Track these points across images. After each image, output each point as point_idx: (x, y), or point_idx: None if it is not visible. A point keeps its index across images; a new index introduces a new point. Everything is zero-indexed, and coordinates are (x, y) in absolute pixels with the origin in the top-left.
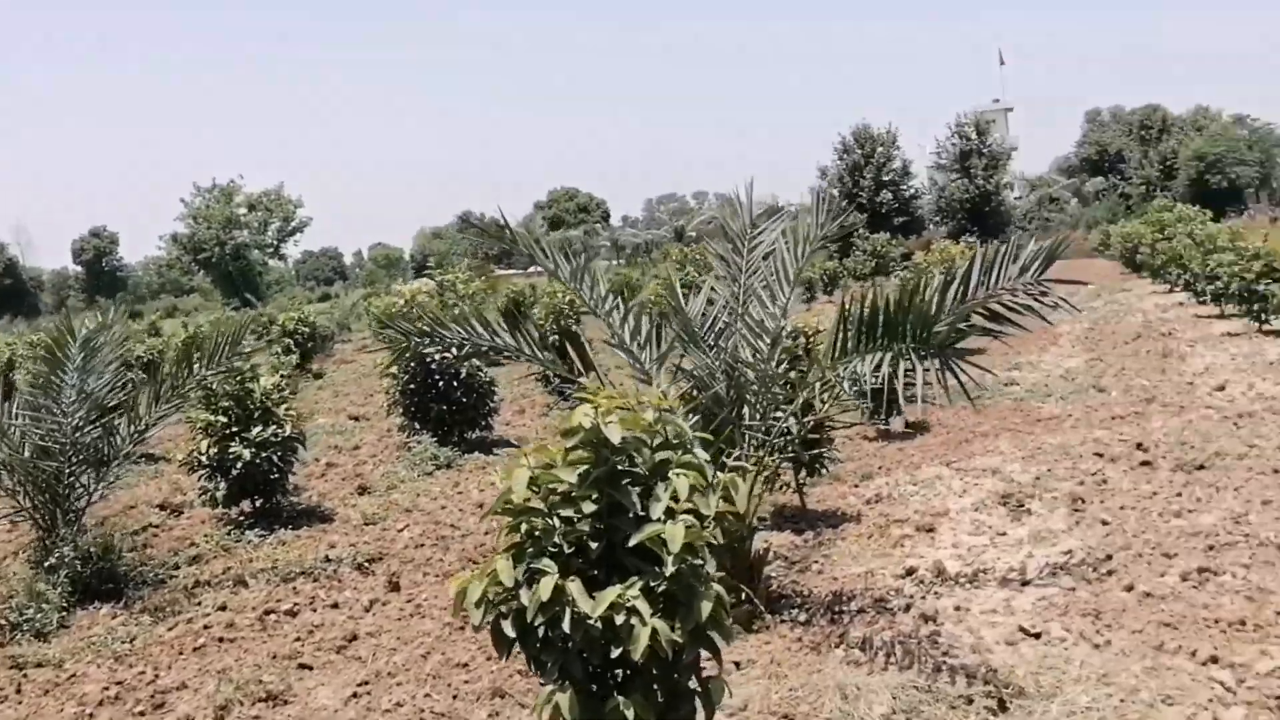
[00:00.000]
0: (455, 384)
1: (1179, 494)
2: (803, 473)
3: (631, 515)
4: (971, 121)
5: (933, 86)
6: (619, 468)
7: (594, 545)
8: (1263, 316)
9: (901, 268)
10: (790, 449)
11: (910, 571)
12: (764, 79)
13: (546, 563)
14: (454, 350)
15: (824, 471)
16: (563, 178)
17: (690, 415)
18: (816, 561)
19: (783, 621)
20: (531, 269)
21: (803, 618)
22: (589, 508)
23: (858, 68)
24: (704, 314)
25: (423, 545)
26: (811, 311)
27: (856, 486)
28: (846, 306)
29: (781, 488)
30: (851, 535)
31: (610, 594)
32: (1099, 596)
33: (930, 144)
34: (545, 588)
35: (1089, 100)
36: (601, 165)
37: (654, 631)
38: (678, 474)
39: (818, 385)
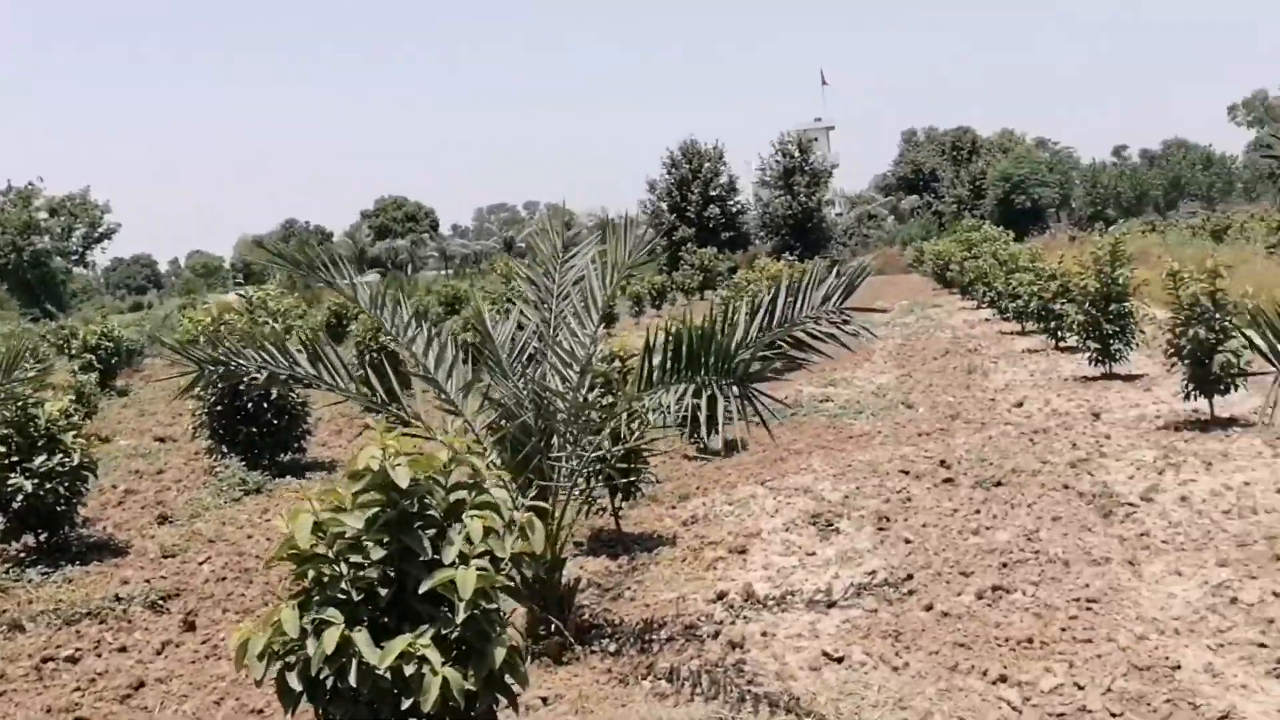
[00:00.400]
0: (265, 405)
1: (977, 511)
2: (618, 496)
3: (423, 560)
4: (794, 139)
5: (760, 106)
6: (409, 511)
7: (383, 592)
8: (1059, 334)
9: (725, 285)
10: (605, 474)
11: (721, 596)
12: (597, 91)
13: (332, 612)
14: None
15: (639, 495)
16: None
17: (498, 445)
18: (630, 588)
19: (593, 652)
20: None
21: (613, 648)
22: (378, 553)
23: (688, 81)
24: (514, 339)
25: (224, 579)
26: (640, 325)
27: (674, 508)
28: (650, 339)
29: (598, 511)
30: (666, 559)
31: (399, 643)
32: (900, 617)
33: (756, 161)
34: (330, 639)
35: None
36: (432, 173)
37: (445, 681)
38: (471, 516)
39: (626, 414)
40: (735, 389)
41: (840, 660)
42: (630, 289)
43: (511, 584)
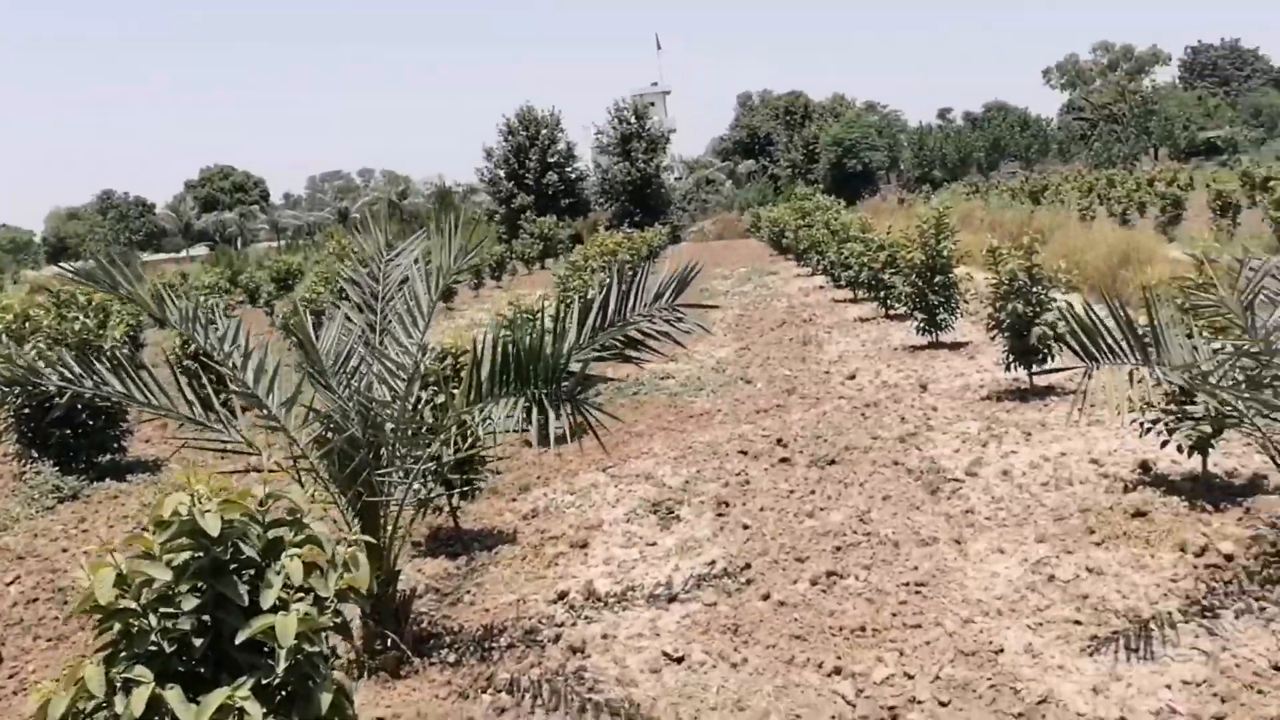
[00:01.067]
0: (79, 405)
1: (812, 492)
2: (455, 496)
3: (240, 607)
4: (630, 105)
5: (598, 72)
6: (222, 559)
7: (198, 642)
8: (889, 303)
9: (563, 262)
10: (441, 475)
11: (562, 596)
12: (434, 58)
13: (141, 670)
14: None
15: (477, 494)
16: (218, 154)
17: (325, 459)
18: (469, 591)
19: (432, 664)
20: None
21: (453, 658)
22: (190, 603)
23: (527, 48)
24: (339, 345)
25: (35, 600)
26: (480, 298)
27: (514, 501)
28: (478, 348)
29: (435, 510)
30: (506, 558)
31: (216, 697)
32: (738, 609)
33: (594, 127)
34: (139, 700)
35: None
36: (261, 140)
37: None
38: (291, 556)
39: (460, 418)
40: (566, 402)
41: (680, 660)
42: (472, 265)
43: (337, 621)
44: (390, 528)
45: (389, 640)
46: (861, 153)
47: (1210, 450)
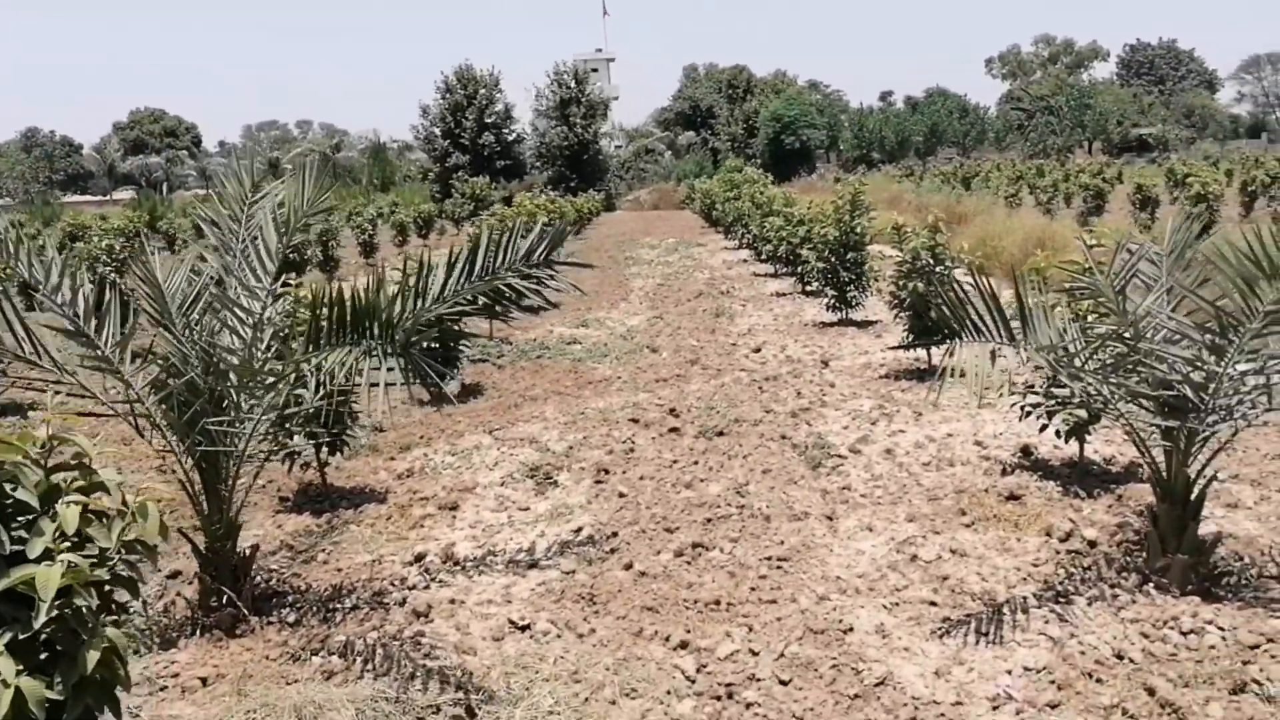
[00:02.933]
0: None
1: (695, 462)
2: (324, 450)
3: (3, 555)
4: (571, 70)
5: (545, 34)
6: None
7: None
8: (805, 279)
9: (474, 221)
10: (303, 427)
11: (419, 558)
12: (377, 14)
13: None
14: None
15: (347, 448)
16: (152, 98)
17: (163, 404)
18: (325, 550)
19: (270, 624)
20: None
21: (293, 618)
22: None
23: (471, 5)
24: (189, 287)
25: None
26: (402, 254)
27: (392, 459)
28: (320, 295)
29: (303, 465)
30: (371, 517)
31: None
32: (597, 579)
33: (534, 89)
34: None
35: (689, 56)
36: (198, 87)
37: (18, 693)
38: (68, 503)
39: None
40: (399, 356)
41: (526, 629)
42: (394, 217)
43: (124, 575)
44: (232, 480)
45: (225, 597)
46: (800, 130)
47: (1088, 436)
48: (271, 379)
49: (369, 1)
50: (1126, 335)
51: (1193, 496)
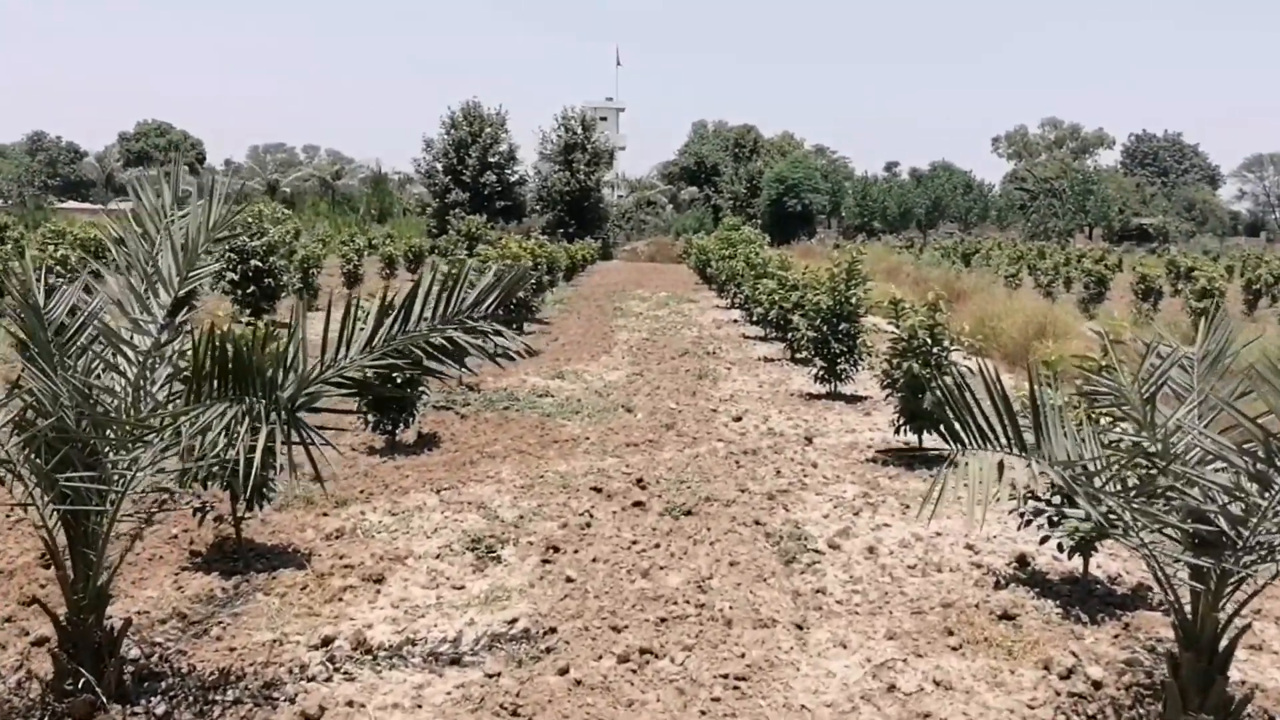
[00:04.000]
0: None
1: (657, 545)
2: (240, 503)
3: None
4: (578, 116)
5: (561, 79)
6: None
7: None
8: (795, 345)
9: (449, 258)
10: (220, 478)
11: (327, 642)
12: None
13: None
14: None
15: (264, 503)
16: (164, 111)
17: (28, 447)
18: (223, 622)
19: (135, 714)
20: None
21: (162, 709)
22: None
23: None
24: (76, 314)
25: None
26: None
27: (325, 515)
28: (199, 342)
29: (218, 519)
30: (284, 584)
31: None
32: (525, 684)
33: (540, 133)
34: None
35: (699, 112)
36: (207, 103)
37: None
38: None
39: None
40: (284, 420)
41: None
42: (383, 249)
43: None
44: (102, 542)
45: (82, 680)
46: (803, 193)
47: (1094, 552)
48: (149, 431)
49: (384, 31)
50: (1154, 453)
51: (1221, 646)
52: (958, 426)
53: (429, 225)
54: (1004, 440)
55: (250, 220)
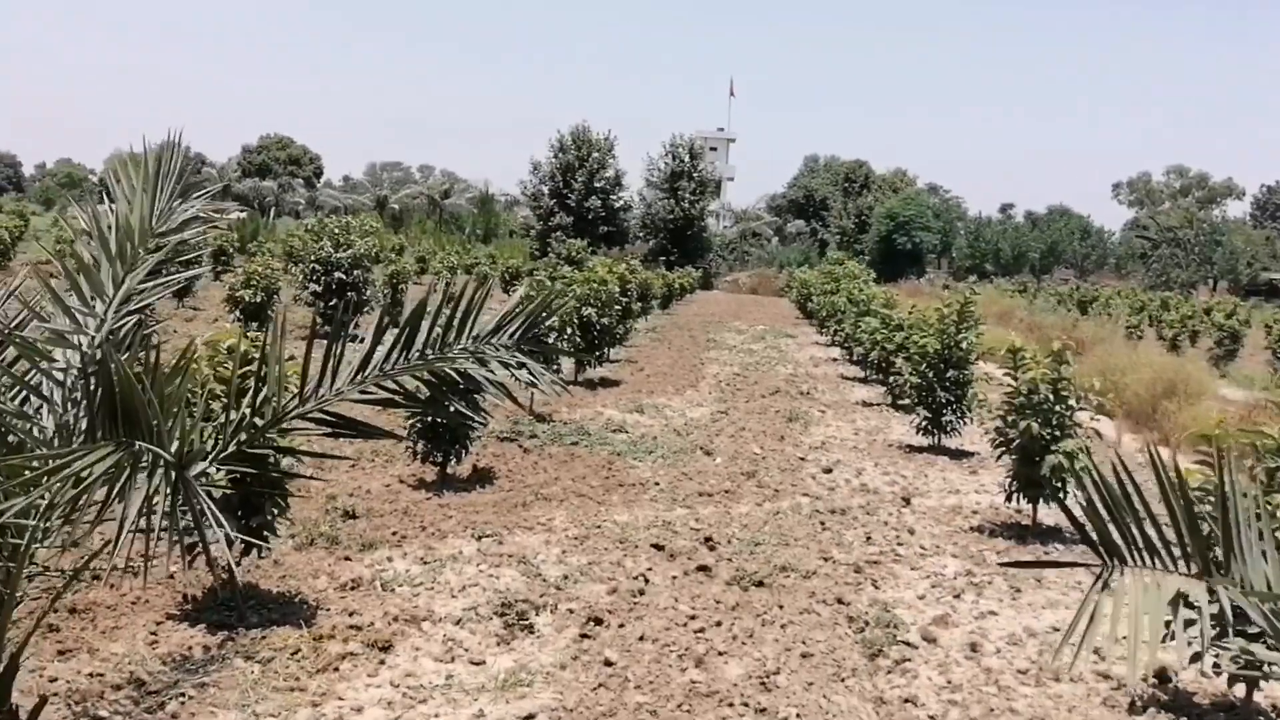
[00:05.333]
0: None
1: (719, 623)
2: (235, 547)
3: None
4: (686, 144)
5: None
6: None
7: None
8: (896, 391)
9: (529, 280)
10: (206, 517)
11: None
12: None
13: None
14: None
15: (264, 551)
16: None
17: None
18: (184, 695)
19: None
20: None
21: None
22: None
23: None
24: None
25: None
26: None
27: (348, 559)
28: (91, 376)
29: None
30: (275, 645)
31: None
32: None
33: (648, 159)
34: None
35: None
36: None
37: None
38: None
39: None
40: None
41: None
42: (478, 270)
43: None
44: (6, 608)
45: None
46: (914, 231)
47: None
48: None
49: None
50: None
51: None
52: (1114, 533)
53: (532, 248)
54: (1182, 557)
55: (336, 231)
